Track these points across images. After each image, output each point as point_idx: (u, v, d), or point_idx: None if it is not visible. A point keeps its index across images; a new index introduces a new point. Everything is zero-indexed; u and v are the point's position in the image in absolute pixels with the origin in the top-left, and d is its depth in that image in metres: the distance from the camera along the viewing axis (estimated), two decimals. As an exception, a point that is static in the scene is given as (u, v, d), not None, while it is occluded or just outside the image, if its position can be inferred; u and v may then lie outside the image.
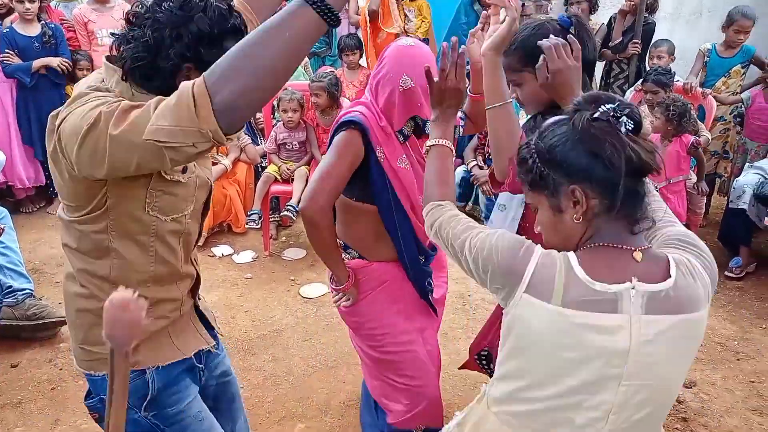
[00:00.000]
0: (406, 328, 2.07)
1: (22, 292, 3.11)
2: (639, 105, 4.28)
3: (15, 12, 4.70)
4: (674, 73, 4.16)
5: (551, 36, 1.54)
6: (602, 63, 5.27)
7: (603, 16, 5.48)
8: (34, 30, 4.63)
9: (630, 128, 1.09)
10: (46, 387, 2.83)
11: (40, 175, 4.87)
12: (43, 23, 4.68)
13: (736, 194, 3.89)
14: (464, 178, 4.63)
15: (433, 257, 2.16)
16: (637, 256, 1.12)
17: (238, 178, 4.52)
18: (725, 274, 3.91)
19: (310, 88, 4.25)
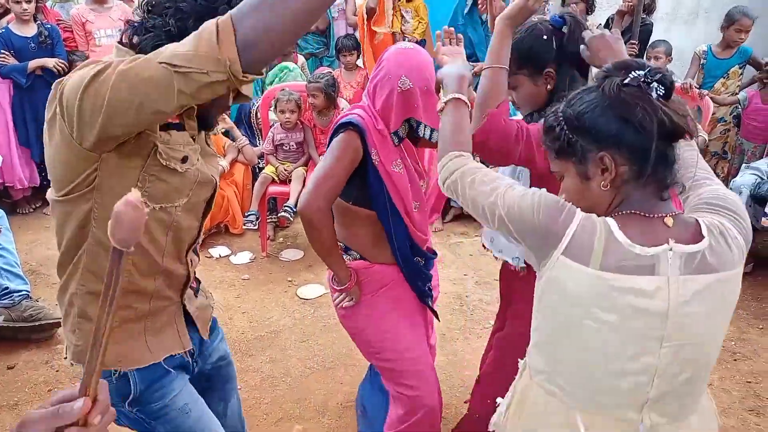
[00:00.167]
0: (407, 333, 2.05)
1: (19, 294, 3.10)
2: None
3: (11, 13, 4.69)
4: (672, 74, 4.17)
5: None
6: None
7: (600, 17, 5.49)
8: (30, 30, 4.62)
9: (661, 93, 1.08)
10: (43, 389, 2.82)
11: (35, 175, 4.86)
12: (39, 23, 4.67)
13: (734, 195, 3.90)
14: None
15: (432, 262, 2.15)
16: (668, 221, 1.12)
17: (236, 179, 4.52)
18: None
19: (308, 89, 4.24)
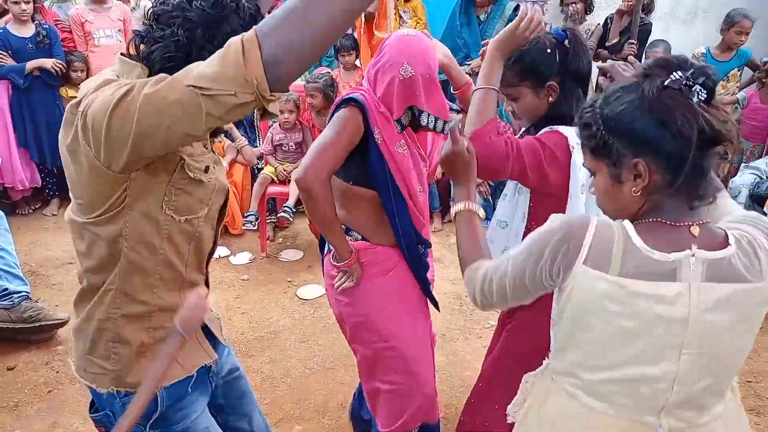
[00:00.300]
0: (412, 319, 2.05)
1: (19, 295, 3.09)
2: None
3: (8, 13, 4.68)
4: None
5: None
6: (597, 63, 5.28)
7: (599, 16, 5.49)
8: (28, 31, 4.61)
9: (703, 98, 1.04)
10: (43, 390, 2.82)
11: (36, 175, 4.85)
12: (37, 24, 4.66)
13: (733, 194, 3.91)
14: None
15: (428, 251, 2.14)
16: (694, 230, 1.10)
17: (235, 180, 4.52)
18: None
19: (306, 89, 4.24)
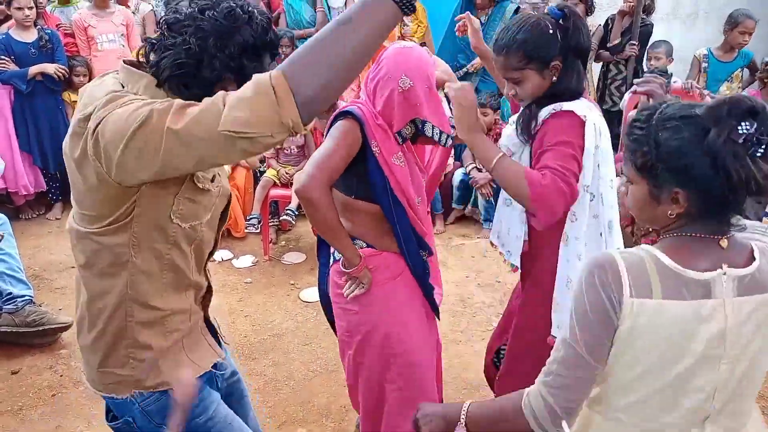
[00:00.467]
0: (417, 325, 2.05)
1: (22, 299, 3.10)
2: (636, 107, 4.29)
3: (11, 19, 4.70)
4: (671, 75, 4.17)
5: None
6: (599, 64, 5.29)
7: (600, 17, 5.50)
8: (31, 36, 4.62)
9: (759, 154, 1.05)
10: (47, 393, 2.83)
11: (40, 179, 4.87)
12: (40, 28, 4.67)
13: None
14: (463, 180, 4.64)
15: (431, 258, 2.15)
16: (723, 243, 1.13)
17: (237, 183, 4.52)
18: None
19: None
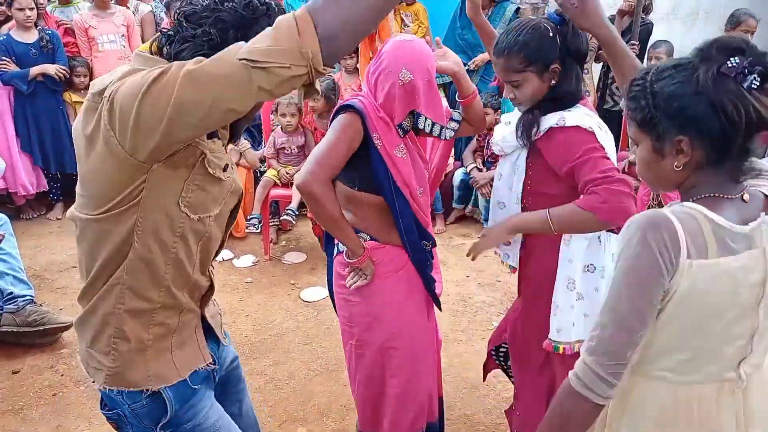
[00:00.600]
0: (417, 319, 2.06)
1: (23, 299, 3.11)
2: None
3: (12, 19, 4.71)
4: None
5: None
6: (599, 64, 5.28)
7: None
8: (31, 37, 4.63)
9: (756, 86, 1.06)
10: (48, 393, 2.83)
11: (42, 180, 4.88)
12: (40, 29, 4.69)
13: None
14: (463, 180, 4.64)
15: (432, 250, 2.14)
16: (746, 197, 1.14)
17: (238, 183, 4.52)
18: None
19: (309, 93, 4.24)
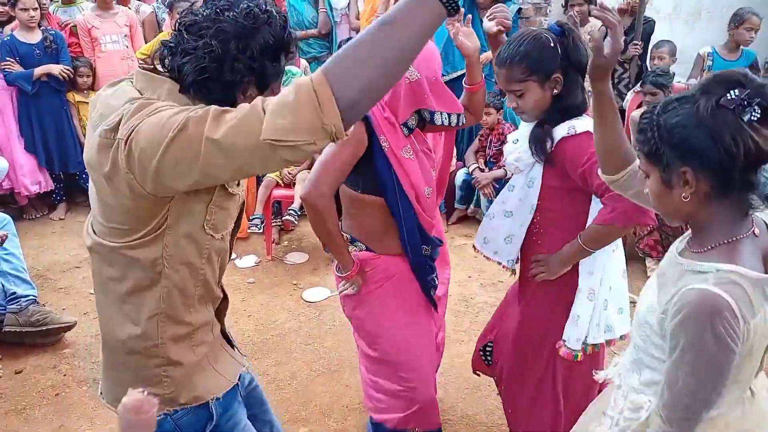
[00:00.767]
0: (406, 328, 2.06)
1: (26, 299, 3.11)
2: (639, 107, 4.30)
3: (15, 20, 4.71)
4: (673, 74, 4.16)
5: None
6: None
7: (601, 17, 5.49)
8: (35, 37, 4.63)
9: (755, 118, 1.08)
10: (50, 393, 2.84)
11: (49, 181, 4.87)
12: (44, 29, 4.69)
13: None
14: (465, 180, 4.63)
15: (438, 251, 2.16)
16: (756, 232, 1.18)
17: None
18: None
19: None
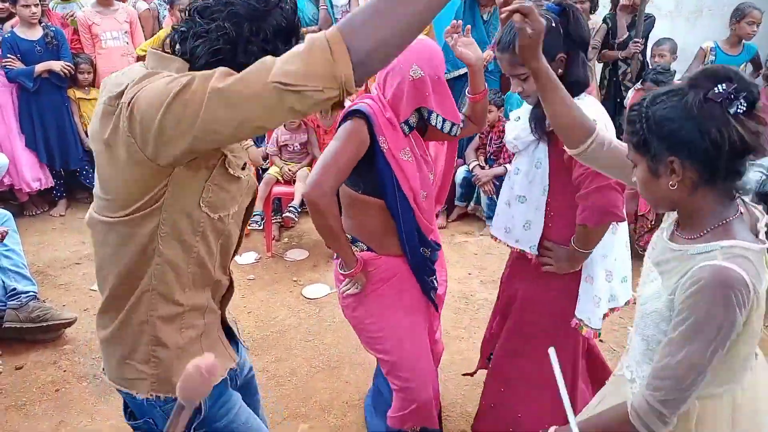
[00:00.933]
0: (405, 328, 2.07)
1: (26, 295, 3.12)
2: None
3: (15, 17, 4.71)
4: (674, 72, 4.16)
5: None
6: (601, 64, 5.27)
7: (601, 15, 5.48)
8: (36, 34, 4.63)
9: (741, 111, 1.13)
10: (50, 389, 2.85)
11: (49, 177, 4.88)
12: (45, 26, 4.68)
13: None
14: (466, 178, 4.63)
15: (437, 253, 2.16)
16: (742, 210, 1.25)
17: (240, 180, 4.53)
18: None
19: (312, 90, 4.24)
